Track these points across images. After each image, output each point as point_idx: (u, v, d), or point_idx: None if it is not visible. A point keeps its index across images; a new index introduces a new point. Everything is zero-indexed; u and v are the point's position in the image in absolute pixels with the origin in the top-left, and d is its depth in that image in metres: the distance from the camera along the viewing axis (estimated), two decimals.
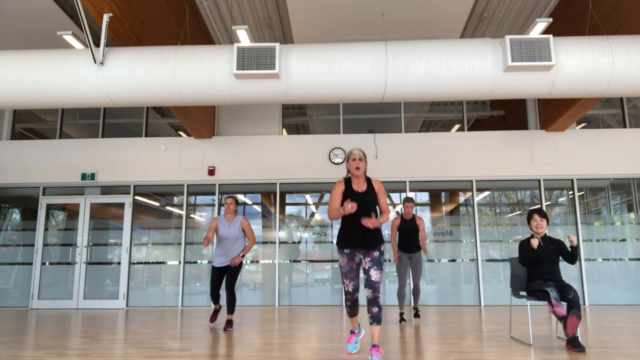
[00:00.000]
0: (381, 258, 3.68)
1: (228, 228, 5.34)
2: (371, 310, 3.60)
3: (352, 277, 3.73)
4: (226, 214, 5.41)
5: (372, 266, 3.62)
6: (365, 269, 3.65)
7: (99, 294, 8.06)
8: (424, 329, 5.30)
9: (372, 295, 3.59)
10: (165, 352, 4.10)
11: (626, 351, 3.97)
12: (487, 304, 7.68)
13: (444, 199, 8.75)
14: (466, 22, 6.90)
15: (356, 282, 3.75)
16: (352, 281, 3.72)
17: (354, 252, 3.72)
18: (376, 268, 3.63)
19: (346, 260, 3.73)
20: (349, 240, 3.70)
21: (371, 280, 3.60)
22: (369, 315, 3.62)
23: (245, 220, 5.44)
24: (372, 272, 3.61)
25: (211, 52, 5.07)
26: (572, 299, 4.00)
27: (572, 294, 4.02)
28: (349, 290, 3.74)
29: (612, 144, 7.96)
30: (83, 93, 5.06)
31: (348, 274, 3.73)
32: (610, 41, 4.85)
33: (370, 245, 3.64)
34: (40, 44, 7.02)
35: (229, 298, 5.33)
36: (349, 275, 3.72)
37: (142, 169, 8.25)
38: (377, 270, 3.62)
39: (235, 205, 5.42)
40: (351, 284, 3.72)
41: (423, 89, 5.02)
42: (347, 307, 3.85)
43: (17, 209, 9.08)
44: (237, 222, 5.38)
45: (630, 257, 7.87)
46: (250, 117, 8.58)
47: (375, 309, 3.60)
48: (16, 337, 4.96)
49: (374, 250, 3.65)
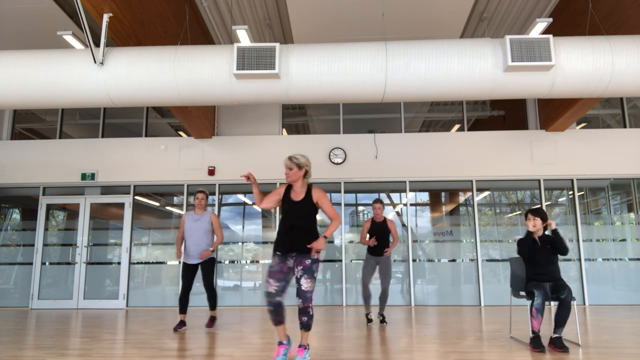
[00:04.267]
0: (313, 266, 3.57)
1: (196, 222, 5.34)
2: (301, 318, 3.55)
3: (278, 277, 3.58)
4: (196, 208, 5.41)
5: (303, 275, 3.54)
6: (297, 277, 3.57)
7: (99, 294, 8.06)
8: (424, 329, 5.30)
9: (302, 305, 3.52)
10: (165, 352, 4.10)
11: (626, 351, 3.97)
12: (487, 304, 7.68)
13: (444, 199, 8.75)
14: (466, 22, 6.90)
15: (281, 285, 3.57)
16: (276, 282, 3.56)
17: (286, 257, 3.64)
18: (307, 277, 3.53)
19: (277, 260, 3.65)
20: (280, 245, 3.65)
21: (301, 289, 3.52)
22: (299, 322, 3.57)
23: (214, 215, 5.43)
24: (302, 281, 3.53)
25: (211, 52, 5.07)
26: (564, 299, 4.03)
27: (564, 294, 4.04)
28: (270, 292, 3.55)
29: (612, 144, 7.96)
30: (83, 93, 5.06)
31: (274, 273, 3.59)
32: (610, 41, 4.85)
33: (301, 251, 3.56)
34: (40, 44, 7.02)
35: (209, 295, 5.32)
36: (275, 275, 3.58)
37: (142, 169, 8.25)
38: (307, 279, 3.53)
39: (206, 200, 5.44)
40: (275, 284, 3.56)
41: (423, 89, 5.02)
42: (269, 312, 3.61)
43: (17, 209, 9.08)
44: (206, 216, 5.37)
45: (630, 257, 7.87)
46: (250, 117, 8.58)
47: (305, 317, 3.54)
48: (16, 337, 4.96)
49: (306, 258, 3.57)
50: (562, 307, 4.04)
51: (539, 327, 4.05)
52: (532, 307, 4.06)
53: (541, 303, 4.04)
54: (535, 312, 4.03)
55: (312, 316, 3.59)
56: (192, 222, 5.36)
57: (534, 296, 4.10)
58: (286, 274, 3.62)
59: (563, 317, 4.03)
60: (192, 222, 5.35)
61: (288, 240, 3.60)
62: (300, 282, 3.54)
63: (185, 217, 5.43)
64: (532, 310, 4.05)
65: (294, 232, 3.61)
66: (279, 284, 3.57)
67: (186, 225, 5.37)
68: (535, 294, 4.07)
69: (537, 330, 4.04)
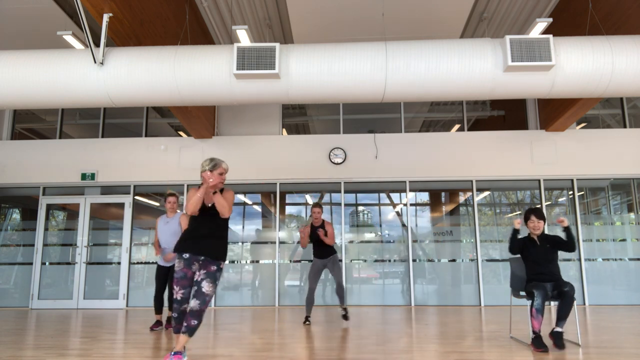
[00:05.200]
0: (217, 274, 3.53)
1: (166, 224, 5.37)
2: (190, 321, 3.38)
3: (184, 284, 3.52)
4: (168, 212, 5.44)
5: (205, 278, 3.47)
6: (198, 280, 3.48)
7: (99, 294, 8.06)
8: (424, 329, 5.30)
9: (199, 307, 3.39)
10: (165, 352, 4.10)
11: (626, 351, 3.97)
12: (487, 304, 7.68)
13: (444, 199, 8.75)
14: (466, 22, 6.90)
15: (187, 292, 3.52)
16: (182, 289, 3.52)
17: (192, 259, 3.58)
18: (209, 281, 3.47)
19: (182, 265, 3.56)
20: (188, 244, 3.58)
21: (201, 290, 3.43)
22: (184, 325, 3.39)
23: (183, 215, 5.42)
24: (203, 283, 3.45)
25: (211, 52, 5.07)
26: (567, 291, 4.04)
27: (567, 287, 4.05)
28: (177, 299, 3.50)
29: (612, 144, 7.96)
30: (83, 93, 5.06)
31: (180, 280, 3.52)
32: (610, 41, 4.85)
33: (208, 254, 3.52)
34: (40, 44, 7.02)
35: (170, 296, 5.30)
36: (181, 282, 3.52)
37: (142, 169, 8.25)
38: (210, 283, 3.47)
39: (176, 203, 5.47)
40: (181, 292, 3.51)
41: (423, 89, 5.02)
42: (173, 319, 3.53)
43: (17, 209, 9.07)
44: (175, 219, 5.40)
45: (630, 257, 7.87)
46: (250, 117, 8.58)
47: (195, 321, 3.39)
48: (16, 337, 4.96)
49: (212, 264, 3.53)
50: (565, 300, 4.03)
51: (539, 327, 4.05)
52: (531, 307, 4.06)
53: (541, 303, 4.04)
54: (535, 312, 4.03)
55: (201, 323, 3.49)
56: (163, 225, 5.40)
57: (533, 296, 4.10)
58: (190, 279, 3.56)
59: (565, 311, 4.02)
60: (164, 225, 5.40)
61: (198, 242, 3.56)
62: (201, 285, 3.46)
63: (158, 221, 5.47)
64: (532, 311, 4.05)
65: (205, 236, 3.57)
66: (185, 291, 3.53)
67: (159, 227, 5.41)
68: (535, 294, 4.07)
69: (537, 330, 4.04)
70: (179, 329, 3.50)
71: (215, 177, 3.53)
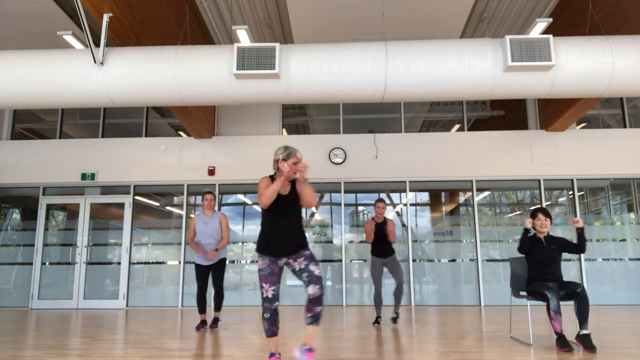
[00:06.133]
0: (313, 255, 3.34)
1: (205, 224, 5.32)
2: (313, 309, 3.18)
3: (273, 280, 3.29)
4: (205, 209, 5.39)
5: (309, 263, 3.27)
6: (302, 267, 3.28)
7: (99, 294, 8.06)
8: (424, 329, 5.30)
9: (320, 291, 3.19)
10: (165, 352, 4.10)
11: (626, 351, 3.96)
12: (487, 304, 7.68)
13: (444, 199, 8.75)
14: (466, 22, 6.90)
15: (277, 289, 3.29)
16: (272, 285, 3.28)
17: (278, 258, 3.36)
18: (314, 263, 3.28)
19: (267, 262, 3.33)
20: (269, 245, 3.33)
21: (314, 275, 3.22)
22: (309, 315, 3.19)
23: (223, 216, 5.40)
24: (311, 267, 3.25)
25: (211, 52, 5.07)
26: (580, 292, 4.02)
27: (580, 288, 4.04)
28: (267, 297, 3.27)
29: (612, 144, 7.96)
30: (83, 93, 5.07)
31: (268, 277, 3.28)
32: (610, 41, 4.85)
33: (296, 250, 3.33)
34: (40, 44, 7.02)
35: (216, 295, 5.31)
36: (270, 279, 3.28)
37: (142, 169, 8.25)
38: (316, 265, 3.27)
39: (214, 201, 5.42)
40: (271, 289, 3.27)
41: (423, 89, 5.02)
42: (265, 321, 3.30)
43: (17, 209, 9.08)
44: (215, 218, 5.36)
45: (630, 257, 7.87)
46: (250, 117, 8.58)
47: (319, 308, 3.19)
48: (16, 337, 4.96)
49: (305, 250, 3.34)
50: (581, 301, 4.00)
51: (560, 327, 4.00)
52: (548, 310, 4.01)
53: (557, 304, 4.01)
54: (554, 314, 3.98)
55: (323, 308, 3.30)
56: (202, 224, 5.33)
57: (545, 298, 4.07)
58: (278, 275, 3.34)
59: (584, 311, 3.99)
60: (203, 225, 5.32)
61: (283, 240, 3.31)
62: (310, 269, 3.25)
63: (196, 220, 5.38)
64: (551, 313, 3.99)
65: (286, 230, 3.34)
66: (275, 287, 3.30)
67: (197, 228, 5.34)
68: (549, 296, 4.02)
69: (560, 330, 4.00)
70: (273, 331, 3.31)
71: (290, 167, 3.31)
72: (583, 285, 4.10)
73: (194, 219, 5.42)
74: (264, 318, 3.30)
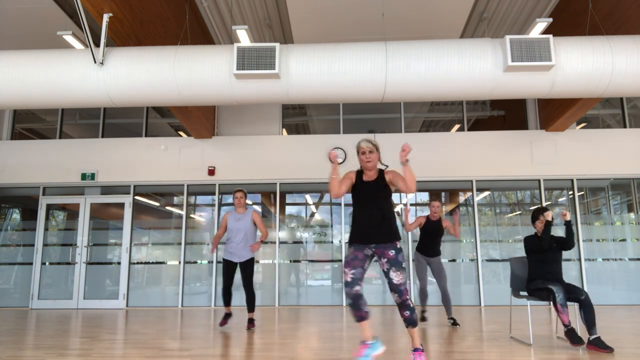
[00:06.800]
0: (399, 257, 3.26)
1: (238, 221, 5.32)
2: (403, 314, 3.25)
3: (354, 265, 3.28)
4: (237, 207, 5.39)
5: (390, 268, 3.24)
6: (384, 271, 3.29)
7: (99, 294, 8.06)
8: (424, 329, 5.30)
9: (400, 299, 3.23)
10: (165, 352, 4.10)
11: (626, 351, 3.97)
12: (487, 304, 7.68)
13: (444, 199, 8.75)
14: (466, 22, 6.90)
15: (358, 272, 3.25)
16: (352, 269, 3.26)
17: (364, 246, 3.36)
18: (395, 269, 3.23)
19: (353, 249, 3.36)
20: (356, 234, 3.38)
21: (393, 283, 3.23)
22: (403, 319, 3.29)
23: (256, 213, 5.41)
24: (391, 274, 3.24)
25: (211, 52, 5.07)
26: (584, 300, 4.02)
27: (583, 295, 4.04)
28: (347, 281, 3.24)
29: (612, 144, 7.96)
30: (83, 93, 5.06)
31: (351, 261, 3.29)
32: (610, 41, 4.85)
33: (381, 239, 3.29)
34: (40, 44, 7.02)
35: (247, 296, 5.31)
36: (351, 263, 3.28)
37: (142, 169, 8.24)
38: (396, 271, 3.23)
39: (245, 198, 5.41)
40: (351, 272, 3.25)
41: (423, 89, 5.02)
42: (350, 307, 3.27)
43: (17, 209, 9.08)
44: (247, 215, 5.35)
45: (630, 257, 7.87)
46: (250, 117, 8.58)
47: (407, 312, 3.23)
48: (16, 337, 4.96)
49: (389, 249, 3.28)
50: (587, 309, 4.02)
51: (568, 319, 4.02)
52: (556, 304, 4.02)
53: (564, 297, 4.03)
54: (561, 307, 4.00)
55: (414, 309, 3.30)
56: (234, 221, 5.33)
57: (550, 293, 4.08)
58: (362, 260, 3.31)
59: (591, 318, 4.00)
60: (235, 222, 5.32)
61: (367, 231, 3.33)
62: (390, 277, 3.24)
63: (227, 217, 5.39)
64: (558, 307, 4.01)
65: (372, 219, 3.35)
66: (355, 271, 3.25)
67: (229, 224, 5.35)
68: (555, 290, 4.05)
69: (568, 323, 4.02)
70: (360, 316, 3.27)
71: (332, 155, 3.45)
72: (586, 292, 4.09)
73: (225, 215, 5.43)
74: (348, 305, 3.30)
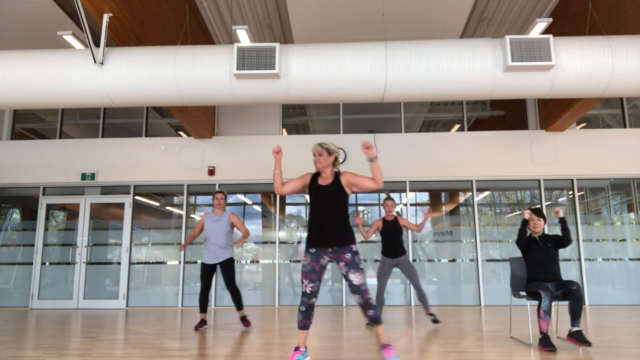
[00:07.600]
0: (355, 258, 3.41)
1: (214, 223, 5.32)
2: (367, 313, 3.40)
3: (313, 278, 3.42)
4: (215, 208, 5.40)
5: (348, 270, 3.39)
6: (344, 274, 3.42)
7: (99, 294, 8.06)
8: (424, 329, 5.30)
9: (362, 299, 3.38)
10: (165, 352, 4.10)
11: (626, 351, 3.97)
12: (487, 304, 7.68)
13: (444, 199, 8.75)
14: (466, 22, 6.90)
15: (315, 286, 3.42)
16: (311, 282, 3.41)
17: (320, 253, 3.46)
18: (354, 271, 3.38)
19: (309, 259, 3.46)
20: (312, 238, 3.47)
21: (353, 285, 3.38)
22: (367, 319, 3.45)
23: (234, 215, 5.41)
24: (350, 276, 3.38)
25: (211, 52, 5.07)
26: (575, 290, 4.01)
27: (575, 286, 4.03)
28: (305, 292, 3.41)
29: (612, 144, 7.96)
30: (83, 93, 5.07)
31: (308, 274, 3.42)
32: (610, 41, 4.85)
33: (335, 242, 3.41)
34: (40, 44, 7.02)
35: (233, 296, 5.31)
36: (309, 276, 3.42)
37: (142, 169, 8.24)
38: (355, 272, 3.38)
39: (225, 200, 5.42)
40: (310, 285, 3.41)
41: (423, 89, 5.02)
42: (300, 313, 3.42)
43: (17, 209, 9.08)
44: (225, 217, 5.36)
45: (630, 257, 7.87)
46: (250, 117, 8.58)
47: (371, 311, 3.39)
48: (16, 337, 4.96)
49: (345, 252, 3.41)
50: (575, 299, 4.00)
51: (547, 327, 4.01)
52: (539, 309, 4.01)
53: (549, 305, 4.01)
54: (544, 314, 3.98)
55: (377, 307, 3.44)
56: (211, 222, 5.34)
57: (540, 297, 4.06)
58: (319, 273, 3.46)
59: (578, 310, 3.99)
60: (212, 223, 5.33)
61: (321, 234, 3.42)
62: (349, 278, 3.39)
63: (204, 218, 5.40)
64: (540, 313, 4.00)
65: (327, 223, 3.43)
66: (313, 284, 3.42)
67: (206, 226, 5.35)
68: (543, 296, 4.02)
69: (545, 330, 4.01)
70: (304, 324, 3.42)
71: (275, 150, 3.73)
72: (579, 284, 4.08)
73: (203, 216, 5.45)
74: (300, 310, 3.44)
